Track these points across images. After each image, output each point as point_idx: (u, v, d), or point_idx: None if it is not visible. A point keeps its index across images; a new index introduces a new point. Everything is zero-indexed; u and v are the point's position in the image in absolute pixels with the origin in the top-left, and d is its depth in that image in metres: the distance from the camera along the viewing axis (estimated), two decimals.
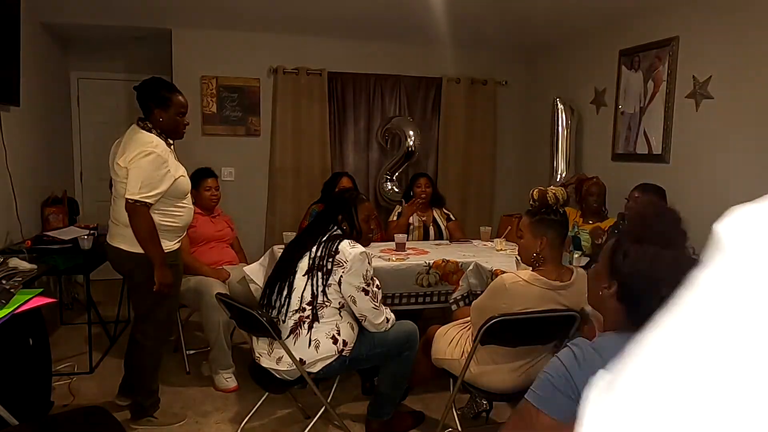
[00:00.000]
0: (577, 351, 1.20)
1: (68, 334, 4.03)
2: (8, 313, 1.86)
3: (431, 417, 2.83)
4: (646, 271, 1.16)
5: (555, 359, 1.22)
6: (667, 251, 1.17)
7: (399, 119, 5.10)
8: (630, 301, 1.18)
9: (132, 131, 2.52)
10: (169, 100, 2.51)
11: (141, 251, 2.46)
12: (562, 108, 4.64)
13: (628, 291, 1.19)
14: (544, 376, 1.22)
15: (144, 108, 2.54)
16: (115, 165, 2.47)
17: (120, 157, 2.44)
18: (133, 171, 2.37)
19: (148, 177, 2.38)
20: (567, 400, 1.16)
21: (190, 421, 2.80)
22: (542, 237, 2.19)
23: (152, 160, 2.39)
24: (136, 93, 2.56)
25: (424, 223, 4.10)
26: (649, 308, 1.12)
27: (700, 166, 3.62)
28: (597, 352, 1.17)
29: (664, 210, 1.30)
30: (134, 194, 2.35)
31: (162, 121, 2.50)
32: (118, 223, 2.51)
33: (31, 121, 4.07)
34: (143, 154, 2.38)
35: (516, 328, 2.13)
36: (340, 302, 2.30)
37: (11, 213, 3.58)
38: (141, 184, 2.36)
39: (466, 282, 3.13)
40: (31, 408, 2.53)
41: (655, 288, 1.13)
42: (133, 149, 2.40)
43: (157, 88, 2.53)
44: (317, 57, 5.01)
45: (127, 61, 5.49)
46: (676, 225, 1.22)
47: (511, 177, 5.69)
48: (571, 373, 1.16)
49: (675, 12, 3.76)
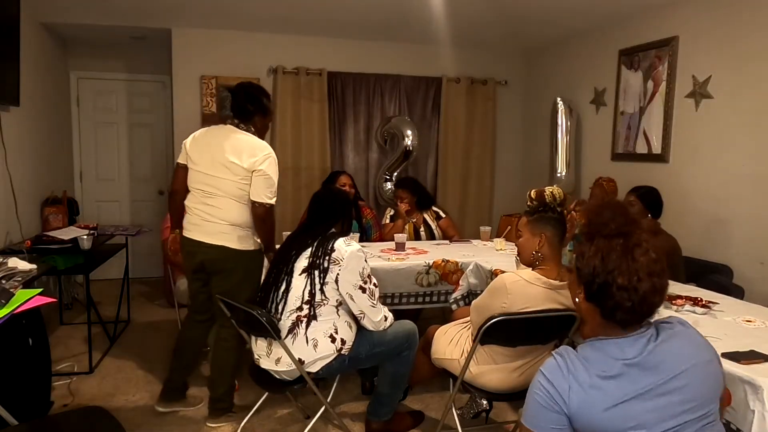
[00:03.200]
0: (560, 361, 1.20)
1: (68, 334, 4.03)
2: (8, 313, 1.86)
3: (431, 417, 2.83)
4: (599, 265, 1.18)
5: (539, 375, 1.23)
6: (615, 240, 1.19)
7: (398, 119, 5.10)
8: (596, 299, 1.19)
9: (236, 133, 2.57)
10: (269, 109, 2.66)
11: (247, 248, 2.59)
12: (563, 108, 4.64)
13: (590, 289, 1.20)
14: (531, 397, 1.23)
15: (242, 111, 2.61)
16: (228, 164, 2.49)
17: (237, 158, 2.48)
18: (265, 177, 2.50)
19: (275, 181, 2.54)
20: (556, 415, 1.17)
21: (189, 421, 2.80)
22: (541, 234, 2.19)
23: (276, 165, 2.55)
24: (233, 94, 2.64)
25: (414, 225, 4.06)
26: (613, 300, 1.14)
27: (699, 165, 3.62)
28: (581, 361, 1.18)
29: (608, 203, 1.31)
30: (270, 198, 2.52)
31: (259, 127, 2.64)
32: (222, 221, 2.55)
33: (31, 121, 4.07)
34: (271, 160, 2.52)
35: (516, 327, 2.13)
36: (337, 300, 2.30)
37: (11, 213, 3.59)
38: (272, 189, 2.52)
39: (466, 282, 3.13)
40: (31, 408, 2.53)
41: (611, 278, 1.16)
42: (259, 154, 2.49)
43: (259, 95, 2.65)
44: (317, 57, 5.02)
45: (127, 61, 5.50)
46: (622, 213, 1.23)
47: (511, 177, 5.70)
48: (556, 387, 1.17)
49: (675, 12, 3.77)
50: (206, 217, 2.56)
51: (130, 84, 5.55)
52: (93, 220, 4.76)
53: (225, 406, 2.76)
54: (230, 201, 2.52)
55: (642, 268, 1.16)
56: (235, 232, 2.55)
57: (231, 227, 2.54)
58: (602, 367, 1.16)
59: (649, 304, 1.17)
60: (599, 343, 1.20)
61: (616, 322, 1.19)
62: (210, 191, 2.54)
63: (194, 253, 2.63)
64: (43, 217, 4.11)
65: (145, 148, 5.64)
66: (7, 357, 2.39)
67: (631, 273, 1.15)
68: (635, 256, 1.16)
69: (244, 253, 2.59)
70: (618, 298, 1.15)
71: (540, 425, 1.18)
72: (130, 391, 3.12)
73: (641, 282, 1.15)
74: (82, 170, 5.53)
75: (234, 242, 2.56)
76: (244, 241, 2.59)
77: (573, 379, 1.16)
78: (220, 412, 2.75)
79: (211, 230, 2.56)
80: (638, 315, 1.17)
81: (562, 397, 1.15)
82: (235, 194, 2.52)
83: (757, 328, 2.06)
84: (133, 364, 3.51)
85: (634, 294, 1.15)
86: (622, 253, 1.17)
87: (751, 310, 2.29)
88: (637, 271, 1.15)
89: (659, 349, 1.17)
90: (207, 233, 2.57)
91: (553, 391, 1.17)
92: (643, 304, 1.16)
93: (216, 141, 2.54)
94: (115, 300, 4.41)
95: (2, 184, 3.50)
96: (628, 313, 1.16)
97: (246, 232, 2.59)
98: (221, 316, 2.58)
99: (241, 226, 2.56)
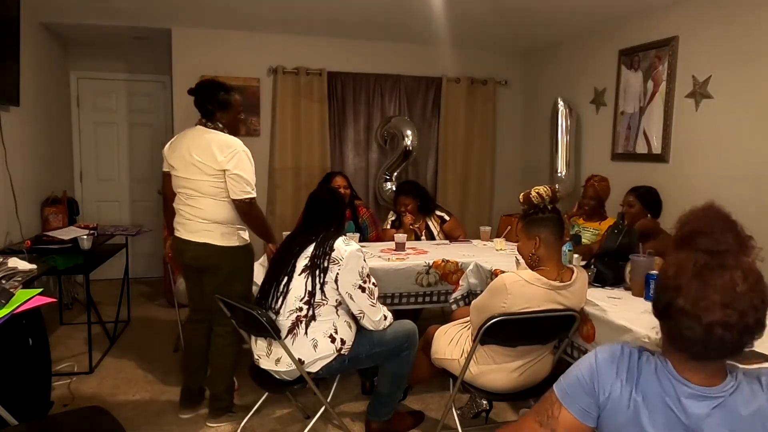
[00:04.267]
0: (620, 356, 1.10)
1: (68, 334, 4.03)
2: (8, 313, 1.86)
3: (431, 417, 2.83)
4: (670, 278, 1.03)
5: (594, 353, 1.13)
6: (700, 255, 1.02)
7: (397, 119, 5.10)
8: (661, 317, 1.06)
9: (203, 132, 2.57)
10: (229, 102, 2.62)
11: (230, 245, 2.60)
12: (563, 108, 4.64)
13: (657, 303, 1.06)
14: (574, 371, 1.14)
15: (205, 112, 2.62)
16: (198, 164, 2.51)
17: (205, 158, 2.49)
18: (238, 175, 2.49)
19: (251, 175, 2.54)
20: (589, 398, 1.11)
21: (190, 421, 2.80)
22: (535, 237, 2.19)
23: (248, 160, 2.53)
24: (193, 97, 2.63)
25: (416, 231, 4.04)
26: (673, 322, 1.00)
27: (699, 165, 3.62)
28: (638, 377, 1.08)
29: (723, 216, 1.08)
30: (247, 193, 2.52)
31: (225, 122, 2.62)
32: (201, 220, 2.59)
33: (31, 121, 4.07)
34: (241, 156, 2.50)
35: (516, 327, 2.13)
36: (336, 300, 2.30)
37: (11, 213, 3.59)
38: (249, 184, 2.52)
39: (466, 282, 3.13)
40: (31, 408, 2.53)
41: (674, 297, 1.01)
42: (227, 153, 2.48)
43: (215, 90, 2.61)
44: (317, 57, 5.02)
45: (127, 61, 5.50)
46: (731, 229, 1.06)
47: (511, 177, 5.70)
48: (601, 375, 1.09)
49: (675, 12, 3.76)
50: (189, 216, 2.62)
51: (130, 84, 5.55)
52: (93, 220, 4.76)
53: (224, 405, 2.76)
54: (208, 200, 2.56)
55: (714, 294, 0.96)
56: (218, 229, 2.59)
57: (213, 225, 2.58)
58: (647, 403, 1.06)
59: (718, 340, 0.97)
60: (663, 373, 1.06)
61: (683, 352, 1.03)
62: (189, 193, 2.60)
63: (183, 251, 2.68)
64: (43, 217, 4.11)
65: (145, 148, 5.64)
66: (7, 357, 2.39)
67: (699, 297, 0.97)
68: (709, 279, 0.98)
69: (228, 249, 2.61)
70: (677, 321, 1.00)
71: (572, 402, 1.13)
72: (130, 391, 3.12)
73: (708, 311, 0.96)
74: (82, 170, 5.53)
75: (217, 239, 2.59)
76: (228, 238, 2.61)
77: (618, 386, 1.09)
78: (221, 412, 2.76)
79: (194, 228, 2.61)
80: (706, 351, 0.99)
81: (601, 392, 1.10)
82: (211, 193, 2.55)
83: None
84: (133, 364, 3.51)
85: (697, 323, 0.97)
86: (698, 271, 0.99)
87: None
88: (707, 297, 0.97)
89: (721, 418, 1.01)
90: (191, 231, 2.62)
91: (598, 378, 1.10)
92: (710, 339, 0.97)
93: (186, 144, 2.58)
94: (115, 300, 4.41)
95: (2, 184, 3.50)
96: (690, 343, 1.00)
97: (229, 229, 2.61)
98: (217, 314, 2.60)
99: (223, 223, 2.59)
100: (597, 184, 3.68)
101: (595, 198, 3.65)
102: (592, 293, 2.40)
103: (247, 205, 2.53)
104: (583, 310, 2.27)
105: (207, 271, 2.67)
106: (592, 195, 3.66)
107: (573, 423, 1.13)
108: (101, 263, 3.77)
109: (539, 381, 2.32)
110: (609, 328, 2.14)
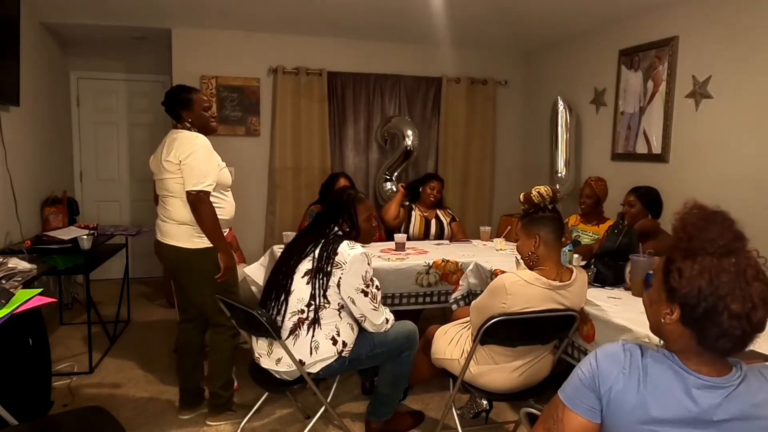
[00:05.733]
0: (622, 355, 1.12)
1: (68, 334, 4.03)
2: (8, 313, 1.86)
3: (431, 417, 2.83)
4: (707, 287, 1.03)
5: (594, 354, 1.14)
6: (726, 259, 1.04)
7: (398, 119, 5.10)
8: (697, 324, 1.06)
9: (173, 134, 2.64)
10: (190, 100, 2.66)
11: (196, 246, 2.59)
12: (563, 108, 4.64)
13: (692, 313, 1.05)
14: (576, 374, 1.15)
15: (174, 116, 2.68)
16: (164, 163, 2.56)
17: (168, 156, 2.54)
18: (189, 165, 2.50)
19: (205, 167, 2.52)
20: (594, 396, 1.12)
21: (190, 420, 2.80)
22: (535, 236, 2.19)
23: (204, 152, 2.54)
24: (164, 106, 2.70)
25: (426, 218, 4.11)
26: (720, 327, 1.03)
27: (699, 165, 3.62)
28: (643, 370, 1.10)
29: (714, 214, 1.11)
30: (195, 185, 2.49)
31: (192, 121, 2.66)
32: (170, 220, 2.61)
33: (31, 121, 4.07)
34: (194, 148, 2.52)
35: (515, 327, 2.13)
36: (339, 303, 2.29)
37: (11, 213, 3.59)
38: (199, 175, 2.50)
39: (466, 282, 3.13)
40: (31, 408, 2.53)
41: (722, 303, 1.02)
42: (182, 146, 2.53)
43: (176, 92, 2.69)
44: (317, 57, 5.02)
45: (127, 61, 5.50)
46: (729, 228, 1.08)
47: (511, 177, 5.70)
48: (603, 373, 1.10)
49: (675, 12, 3.76)
50: (163, 218, 2.67)
51: (130, 84, 5.55)
52: (93, 220, 4.77)
53: (223, 402, 2.77)
54: (176, 200, 2.59)
55: (756, 294, 1.02)
56: (186, 230, 2.59)
57: (182, 226, 2.59)
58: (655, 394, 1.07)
59: (756, 335, 1.04)
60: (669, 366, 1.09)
61: (716, 351, 1.06)
62: (164, 194, 2.65)
63: (159, 253, 2.73)
64: (43, 217, 4.11)
65: (145, 148, 5.63)
66: (7, 357, 2.39)
67: (746, 299, 1.01)
68: (749, 280, 1.03)
69: (199, 252, 2.59)
70: (727, 326, 1.02)
71: (577, 403, 1.13)
72: (129, 391, 3.12)
73: (755, 310, 1.01)
74: (82, 170, 5.53)
75: (186, 241, 2.60)
76: (199, 240, 2.60)
77: (621, 380, 1.09)
78: (220, 409, 2.76)
79: (165, 230, 2.65)
80: (744, 345, 1.05)
81: (603, 386, 1.10)
82: (177, 191, 2.57)
83: None
84: (133, 364, 3.51)
85: (747, 323, 1.01)
86: (736, 275, 1.03)
87: None
88: (752, 297, 1.02)
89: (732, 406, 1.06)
90: (163, 233, 2.66)
91: (598, 375, 1.11)
92: (753, 334, 1.03)
93: (160, 148, 2.66)
94: (115, 300, 4.41)
95: (2, 184, 3.50)
96: (735, 342, 1.03)
97: (198, 231, 2.60)
98: (211, 311, 2.63)
99: (190, 225, 2.59)
100: (594, 183, 3.70)
101: (591, 196, 3.66)
102: (592, 293, 2.40)
103: (194, 196, 2.49)
104: (583, 310, 2.27)
105: (178, 272, 2.71)
106: (589, 194, 3.68)
107: (581, 424, 1.13)
108: (101, 263, 3.78)
109: (539, 381, 2.32)
110: (609, 328, 2.14)
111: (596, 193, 3.66)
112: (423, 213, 4.14)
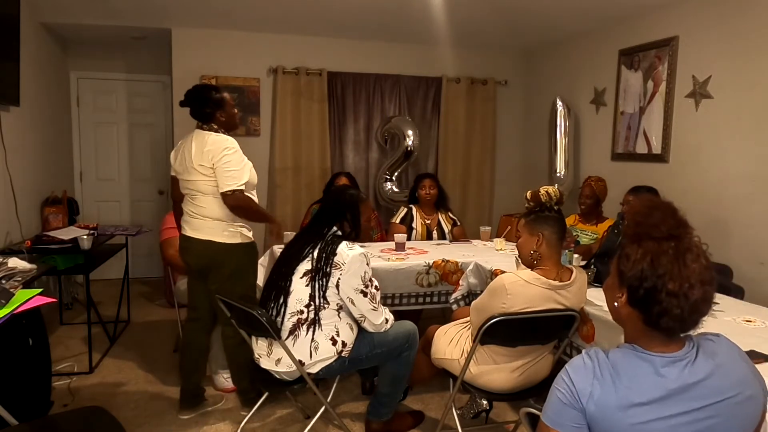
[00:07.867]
0: (588, 363, 1.15)
1: (68, 334, 4.03)
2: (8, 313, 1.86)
3: (431, 417, 2.83)
4: (647, 268, 1.12)
5: (564, 372, 1.17)
6: (666, 243, 1.13)
7: (398, 119, 5.10)
8: (641, 304, 1.14)
9: (201, 135, 2.65)
10: (223, 99, 2.70)
11: (228, 241, 2.65)
12: (563, 108, 4.64)
13: (636, 293, 1.14)
14: (553, 395, 1.18)
15: (202, 116, 2.69)
16: (197, 167, 2.59)
17: (201, 161, 2.58)
18: (221, 168, 2.55)
19: (239, 170, 2.59)
20: (577, 412, 1.14)
21: (190, 421, 2.80)
22: (539, 234, 2.18)
23: (238, 155, 2.60)
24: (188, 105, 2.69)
25: (428, 226, 4.06)
26: (660, 305, 1.09)
27: (699, 165, 3.62)
28: (609, 370, 1.13)
29: (657, 203, 1.22)
30: (232, 185, 2.55)
31: (224, 120, 2.70)
32: (205, 218, 2.66)
33: (31, 121, 4.07)
34: (231, 151, 2.57)
35: (515, 327, 2.13)
36: (338, 304, 2.29)
37: (11, 213, 3.59)
38: (234, 177, 2.56)
39: (466, 282, 3.13)
40: (31, 408, 2.53)
41: (660, 282, 1.10)
42: (215, 150, 2.57)
43: (206, 93, 2.70)
44: (317, 57, 5.02)
45: (127, 61, 5.50)
46: (672, 215, 1.17)
47: (511, 177, 5.70)
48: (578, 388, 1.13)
49: (675, 12, 3.77)
50: (193, 215, 2.69)
51: (130, 84, 5.55)
52: (93, 220, 4.77)
53: (253, 396, 2.82)
54: (210, 198, 2.63)
55: (694, 275, 1.10)
56: (221, 226, 2.65)
57: (216, 222, 2.65)
58: (631, 384, 1.11)
59: (698, 314, 1.12)
60: (634, 355, 1.15)
61: (660, 330, 1.14)
62: (193, 194, 2.68)
63: (187, 248, 2.75)
64: (43, 217, 4.11)
65: (145, 148, 5.64)
66: (7, 357, 2.39)
67: (683, 279, 1.09)
68: (687, 262, 1.11)
69: (231, 246, 2.67)
70: (666, 304, 1.10)
71: (562, 423, 1.15)
72: (130, 391, 3.12)
73: (692, 289, 1.09)
74: (82, 170, 5.53)
75: (219, 236, 2.65)
76: (231, 236, 2.67)
77: (597, 385, 1.12)
78: (249, 402, 2.82)
79: (197, 226, 2.68)
80: (685, 324, 1.12)
81: (583, 398, 1.13)
82: (210, 191, 2.62)
83: (757, 328, 2.07)
84: (133, 364, 3.51)
85: (685, 301, 1.09)
86: (674, 257, 1.11)
87: (751, 310, 2.29)
88: (689, 278, 1.09)
89: (697, 371, 1.13)
90: (195, 229, 2.69)
91: (575, 390, 1.14)
92: (693, 313, 1.11)
93: (186, 148, 2.67)
94: (115, 300, 4.41)
95: (2, 184, 3.50)
96: (675, 320, 1.11)
97: (232, 226, 2.67)
98: (222, 314, 2.60)
99: (225, 221, 2.65)
100: (594, 183, 3.70)
101: (591, 197, 3.66)
102: (592, 293, 2.40)
103: (229, 197, 2.56)
104: (583, 310, 2.27)
105: (210, 268, 2.70)
106: (588, 194, 3.68)
107: None
108: (101, 263, 3.78)
109: (539, 381, 2.32)
110: (609, 328, 2.15)
111: (596, 193, 3.66)
112: (425, 219, 4.05)
